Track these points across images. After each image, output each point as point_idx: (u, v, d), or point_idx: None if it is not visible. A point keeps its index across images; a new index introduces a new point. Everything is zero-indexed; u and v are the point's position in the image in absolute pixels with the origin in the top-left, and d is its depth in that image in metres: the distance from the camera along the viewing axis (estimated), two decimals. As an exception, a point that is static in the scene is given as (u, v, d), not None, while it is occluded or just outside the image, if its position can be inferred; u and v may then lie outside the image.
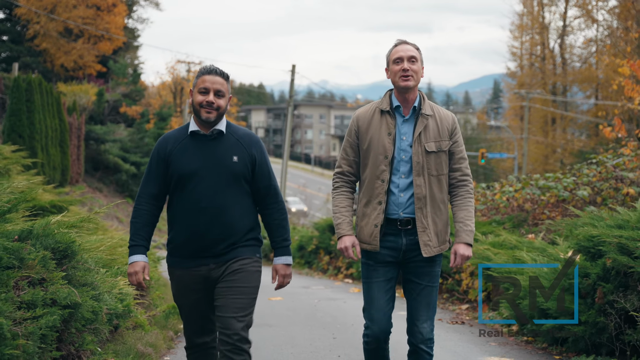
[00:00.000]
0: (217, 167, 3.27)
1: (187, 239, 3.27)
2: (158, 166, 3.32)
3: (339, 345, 5.34)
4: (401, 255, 3.45)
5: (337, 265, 12.27)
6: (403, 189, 3.44)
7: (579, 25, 34.72)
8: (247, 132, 3.41)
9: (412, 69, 3.44)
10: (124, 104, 32.87)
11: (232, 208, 3.26)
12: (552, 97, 35.03)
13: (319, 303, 7.85)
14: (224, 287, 3.25)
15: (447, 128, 3.51)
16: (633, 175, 8.98)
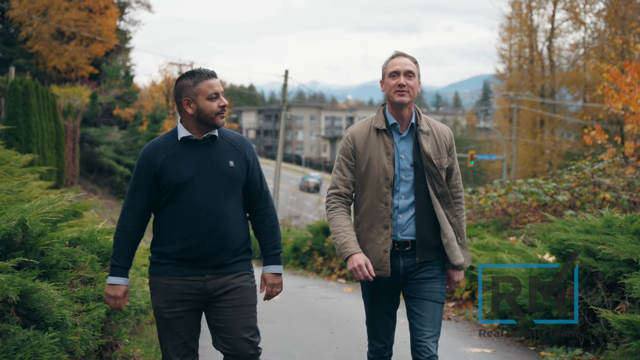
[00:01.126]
0: (213, 173, 3.09)
1: (184, 249, 3.05)
2: (147, 178, 3.08)
3: (337, 338, 5.87)
4: (401, 277, 3.32)
5: (330, 266, 12.79)
6: (403, 210, 3.30)
7: (567, 28, 35.19)
8: (238, 135, 3.26)
9: (408, 85, 3.29)
10: (117, 106, 33.09)
11: (231, 215, 3.10)
12: (540, 99, 35.43)
13: (315, 301, 8.37)
14: (228, 307, 3.07)
15: (445, 144, 3.39)
16: (609, 181, 9.56)
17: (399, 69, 3.31)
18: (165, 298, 3.07)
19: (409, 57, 3.37)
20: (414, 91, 3.31)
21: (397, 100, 3.28)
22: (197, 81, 3.08)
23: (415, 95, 3.33)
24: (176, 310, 3.07)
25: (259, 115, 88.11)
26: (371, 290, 3.38)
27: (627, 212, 8.72)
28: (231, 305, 3.07)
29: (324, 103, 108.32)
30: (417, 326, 3.28)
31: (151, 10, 42.22)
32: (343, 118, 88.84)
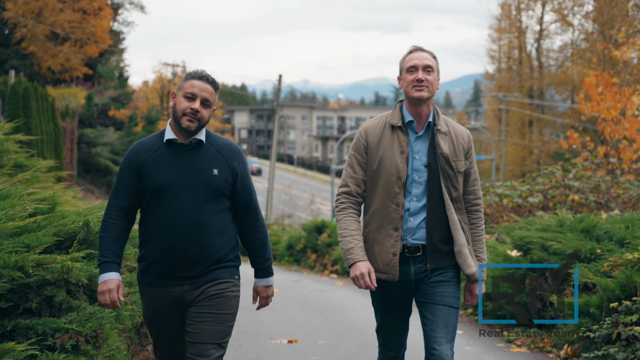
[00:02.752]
0: (195, 179, 2.99)
1: (161, 257, 2.99)
2: (130, 177, 3.03)
3: (330, 323, 6.72)
4: (412, 284, 3.16)
5: (323, 263, 13.63)
6: (414, 213, 3.13)
7: (556, 29, 35.70)
8: (228, 143, 3.13)
9: (427, 80, 3.14)
10: (113, 107, 33.53)
11: (212, 224, 2.99)
12: (529, 100, 35.97)
13: (310, 293, 9.22)
14: (199, 313, 3.00)
15: (463, 146, 3.21)
16: (578, 184, 10.43)
17: (417, 64, 3.16)
18: (149, 310, 3.10)
19: (427, 51, 3.22)
20: (433, 87, 3.16)
21: (416, 95, 3.12)
22: (186, 78, 3.05)
23: (435, 91, 3.18)
24: (160, 322, 3.08)
25: (251, 115, 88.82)
26: (382, 298, 3.22)
27: (593, 212, 9.60)
28: (203, 311, 2.99)
29: (315, 103, 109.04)
30: (429, 333, 3.11)
31: (144, 11, 42.82)
32: (334, 118, 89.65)
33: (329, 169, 62.08)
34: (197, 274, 3.01)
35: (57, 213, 4.02)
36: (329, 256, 13.29)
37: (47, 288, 3.44)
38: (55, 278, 3.42)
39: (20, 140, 7.82)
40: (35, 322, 3.38)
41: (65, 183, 8.47)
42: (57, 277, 3.42)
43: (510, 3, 35.60)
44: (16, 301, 3.40)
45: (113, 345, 3.69)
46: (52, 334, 3.38)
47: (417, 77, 3.13)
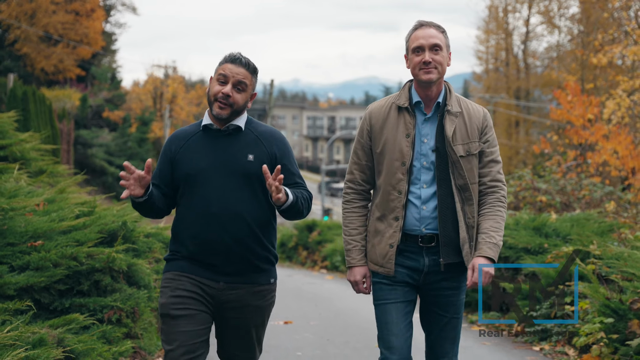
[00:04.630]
0: (227, 165, 2.83)
1: (196, 250, 2.83)
2: (163, 164, 2.93)
3: (320, 309, 7.70)
4: (422, 278, 2.93)
5: (313, 259, 14.60)
6: (426, 200, 2.90)
7: (542, 32, 35.81)
8: (269, 129, 2.96)
9: (435, 60, 2.88)
10: (107, 108, 34.09)
11: (248, 215, 2.82)
12: (515, 101, 36.76)
13: (302, 286, 10.19)
14: (232, 324, 2.90)
15: (477, 127, 2.95)
16: (546, 186, 11.42)
17: (422, 44, 2.90)
18: (176, 293, 2.82)
19: (434, 26, 2.94)
20: (442, 67, 2.91)
21: (424, 78, 2.89)
22: (221, 62, 2.90)
23: (445, 70, 2.93)
24: (185, 307, 2.80)
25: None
26: (385, 286, 2.96)
27: (559, 212, 10.59)
28: (235, 323, 2.90)
29: (305, 102, 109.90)
30: (436, 346, 3.00)
31: (136, 12, 43.39)
32: (325, 118, 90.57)
33: (319, 169, 62.97)
34: (234, 271, 2.85)
35: (97, 214, 4.94)
36: (319, 253, 14.25)
37: (96, 274, 4.36)
38: (102, 266, 4.34)
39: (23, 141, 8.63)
40: (87, 300, 4.31)
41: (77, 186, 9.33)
42: (103, 265, 4.34)
43: (497, 5, 35.95)
44: (71, 284, 4.32)
45: (146, 319, 4.63)
46: (101, 310, 4.31)
47: (423, 58, 2.88)
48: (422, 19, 2.99)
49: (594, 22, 26.87)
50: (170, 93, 38.41)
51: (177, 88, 38.61)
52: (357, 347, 5.62)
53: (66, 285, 4.29)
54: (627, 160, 13.16)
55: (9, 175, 5.55)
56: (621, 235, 5.91)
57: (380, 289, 2.98)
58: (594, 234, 6.19)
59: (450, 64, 2.97)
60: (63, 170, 8.44)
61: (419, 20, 2.99)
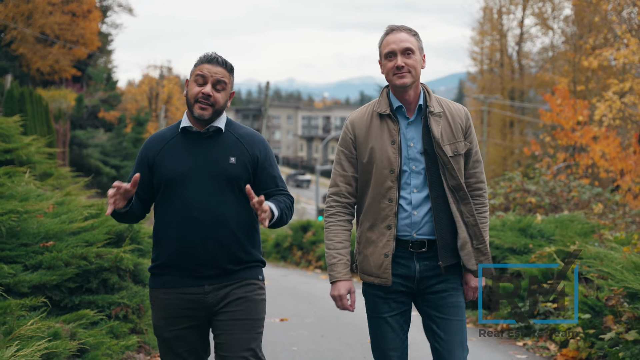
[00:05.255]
0: (209, 169, 2.78)
1: (177, 255, 2.77)
2: (140, 168, 2.84)
3: (314, 307, 8.00)
4: (415, 284, 2.88)
5: (308, 259, 14.88)
6: (416, 205, 2.86)
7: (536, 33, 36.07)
8: (250, 131, 2.92)
9: (407, 64, 2.86)
10: (102, 109, 34.23)
11: (231, 218, 2.78)
12: (509, 102, 36.94)
13: (297, 285, 10.47)
14: (227, 320, 2.77)
15: (461, 125, 2.94)
16: (535, 187, 11.72)
17: (394, 48, 2.88)
18: (163, 315, 2.82)
19: (405, 30, 2.92)
20: (416, 70, 2.88)
21: (398, 83, 2.87)
22: (197, 63, 2.84)
23: (419, 73, 2.91)
24: (175, 328, 2.80)
25: (237, 114, 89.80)
26: (379, 299, 2.91)
27: (547, 213, 10.89)
28: (231, 318, 2.78)
29: (300, 102, 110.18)
30: (444, 354, 2.86)
31: (132, 14, 43.52)
32: (320, 117, 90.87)
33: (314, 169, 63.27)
34: (217, 272, 2.79)
35: (104, 216, 5.20)
36: (314, 253, 14.53)
37: (104, 273, 4.63)
38: (110, 265, 4.61)
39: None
40: (96, 297, 4.58)
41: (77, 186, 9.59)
42: (111, 264, 4.61)
43: (492, 6, 36.09)
44: (81, 283, 4.59)
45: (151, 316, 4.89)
46: (109, 306, 4.58)
47: (396, 63, 2.86)
48: (392, 24, 2.97)
49: (587, 25, 27.15)
50: (165, 93, 38.63)
51: (173, 88, 38.83)
52: (350, 342, 5.92)
53: (76, 283, 4.56)
54: (615, 162, 13.48)
55: (17, 178, 5.81)
56: (602, 236, 6.21)
57: (374, 302, 2.92)
58: (577, 234, 6.49)
59: (425, 67, 2.95)
60: (66, 173, 8.70)
61: (390, 25, 2.97)
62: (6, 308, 3.79)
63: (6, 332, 3.36)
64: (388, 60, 2.90)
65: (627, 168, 13.00)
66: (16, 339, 3.17)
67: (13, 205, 4.62)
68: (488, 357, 5.33)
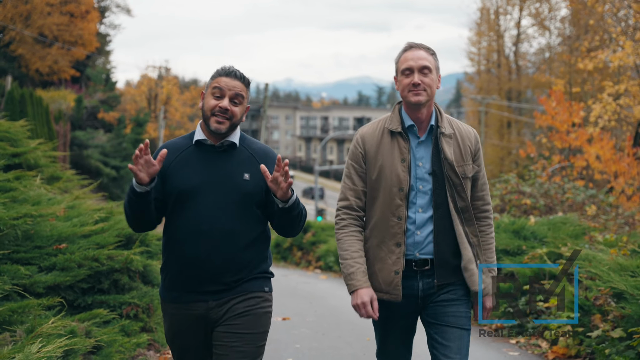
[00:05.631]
0: (223, 184, 2.77)
1: (183, 268, 2.77)
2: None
3: (315, 306, 8.23)
4: (420, 301, 2.93)
5: (308, 259, 15.10)
6: (420, 225, 2.90)
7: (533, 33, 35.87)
8: (263, 147, 2.92)
9: (424, 82, 2.90)
10: (102, 109, 34.37)
11: (241, 235, 2.77)
12: (506, 102, 37.03)
13: (297, 285, 10.70)
14: (226, 333, 2.77)
15: (470, 148, 2.98)
16: (530, 189, 11.96)
17: (412, 65, 2.92)
18: (172, 328, 2.87)
19: (424, 48, 2.96)
20: (431, 89, 2.92)
21: (413, 100, 2.90)
22: (214, 75, 2.84)
23: (434, 92, 2.94)
24: (183, 341, 2.85)
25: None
26: (385, 317, 2.96)
27: (542, 214, 11.12)
28: (230, 331, 2.77)
29: (298, 102, 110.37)
30: (441, 358, 2.90)
31: (131, 14, 43.67)
32: (318, 117, 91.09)
33: (312, 169, 63.46)
34: (222, 288, 2.79)
35: (113, 220, 5.42)
36: (313, 253, 14.76)
37: (115, 274, 4.85)
38: (120, 267, 4.83)
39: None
40: (108, 297, 4.80)
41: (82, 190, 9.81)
42: (122, 266, 4.83)
43: (489, 7, 36.20)
44: (93, 283, 4.81)
45: (160, 315, 5.11)
46: (120, 305, 4.80)
47: (412, 80, 2.90)
48: (411, 41, 3.01)
49: (584, 26, 27.32)
50: (164, 94, 38.80)
51: (172, 89, 39.01)
52: (349, 340, 6.15)
53: (88, 284, 4.77)
54: (609, 164, 13.71)
55: (25, 181, 6.02)
56: (592, 238, 6.43)
57: (380, 319, 2.96)
58: (569, 236, 6.72)
59: (440, 87, 2.99)
60: (72, 176, 8.92)
61: (409, 42, 3.01)
62: (24, 307, 4.01)
63: (28, 330, 3.58)
64: (405, 76, 2.93)
65: (621, 170, 13.23)
66: (38, 336, 3.39)
67: (27, 209, 4.84)
68: (482, 354, 5.55)
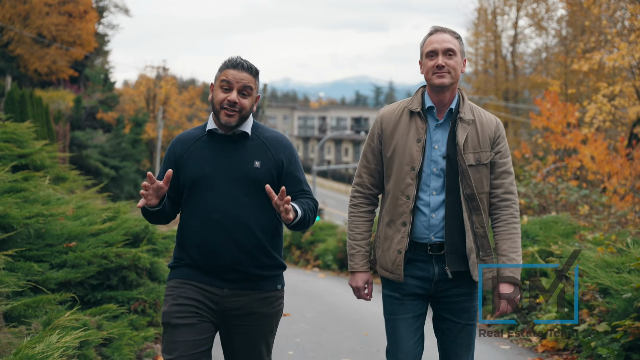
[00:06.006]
0: (233, 172, 2.80)
1: (198, 256, 2.79)
2: (167, 169, 2.84)
3: (314, 303, 8.45)
4: (432, 286, 2.91)
5: (306, 258, 15.33)
6: (435, 208, 2.89)
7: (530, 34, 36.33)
8: (276, 135, 2.92)
9: (448, 65, 2.89)
10: (101, 110, 34.48)
11: (253, 222, 2.78)
12: (504, 103, 37.22)
13: (297, 283, 10.92)
14: (237, 333, 2.81)
15: (489, 136, 2.95)
16: (525, 189, 12.18)
17: (436, 48, 2.92)
18: (178, 301, 2.78)
19: (449, 32, 2.96)
20: (456, 72, 2.91)
21: (437, 82, 2.90)
22: (221, 68, 2.85)
23: (459, 76, 2.93)
24: (186, 315, 2.76)
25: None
26: (395, 300, 2.97)
27: (536, 214, 11.34)
28: (241, 331, 2.81)
29: (296, 102, 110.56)
30: (450, 354, 2.96)
31: (129, 14, 43.79)
32: (315, 118, 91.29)
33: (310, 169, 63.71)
34: (239, 277, 2.80)
35: (120, 219, 5.64)
36: (312, 252, 14.98)
37: (123, 271, 5.06)
38: (128, 264, 5.04)
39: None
40: (116, 293, 5.01)
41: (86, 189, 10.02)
42: (129, 263, 5.04)
43: (486, 7, 36.40)
44: (102, 280, 5.02)
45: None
46: (128, 301, 5.02)
47: (437, 62, 2.90)
48: (437, 25, 3.01)
49: (580, 26, 27.51)
50: (163, 94, 38.93)
51: (170, 90, 39.15)
52: (348, 334, 6.38)
53: (97, 280, 4.99)
54: (602, 164, 13.94)
55: (33, 182, 6.24)
56: (582, 237, 6.66)
57: (390, 303, 2.98)
58: (559, 235, 6.94)
59: (464, 71, 2.98)
60: (76, 177, 9.13)
61: (434, 25, 3.01)
62: (38, 302, 4.23)
63: (45, 323, 3.79)
64: (429, 59, 2.94)
65: (614, 170, 13.46)
66: (55, 328, 3.60)
67: (38, 209, 5.06)
68: (475, 348, 5.78)
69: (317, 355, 5.55)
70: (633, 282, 4.43)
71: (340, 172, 67.25)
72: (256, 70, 2.85)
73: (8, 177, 5.61)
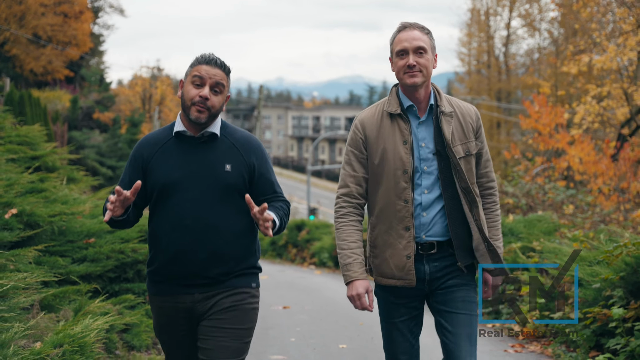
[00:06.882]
0: (204, 176, 2.72)
1: (168, 262, 2.74)
2: (133, 174, 2.78)
3: (311, 297, 8.96)
4: (426, 285, 2.88)
5: (303, 256, 15.81)
6: (426, 206, 2.86)
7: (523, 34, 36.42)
8: (246, 135, 2.85)
9: (419, 63, 2.83)
10: (97, 110, 34.72)
11: (224, 227, 2.72)
12: (496, 103, 37.42)
13: (294, 279, 11.41)
14: (211, 327, 2.73)
15: (472, 125, 2.93)
16: (513, 189, 12.68)
17: (406, 47, 2.85)
18: (159, 321, 2.86)
19: (418, 28, 2.88)
20: (427, 70, 2.85)
21: (409, 82, 2.84)
22: (193, 63, 2.76)
23: (430, 73, 2.88)
24: (171, 335, 2.84)
25: (227, 114, 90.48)
26: (390, 304, 2.93)
27: (525, 213, 11.83)
28: (216, 325, 2.73)
29: (290, 102, 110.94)
30: (452, 347, 2.85)
31: (124, 14, 44.05)
32: (309, 117, 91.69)
33: (305, 169, 64.18)
34: (208, 282, 2.75)
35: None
36: (308, 250, 15.47)
37: (138, 265, 5.51)
38: (143, 258, 5.49)
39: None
40: (132, 285, 5.46)
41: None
42: (144, 258, 5.49)
43: (479, 8, 36.66)
44: (119, 273, 5.47)
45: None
46: (143, 292, 5.47)
47: (407, 62, 2.84)
48: (405, 21, 2.93)
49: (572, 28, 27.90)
50: (158, 95, 39.27)
51: (166, 90, 39.50)
52: (345, 324, 6.86)
53: (115, 273, 5.44)
54: (589, 165, 14.45)
55: (48, 183, 6.67)
56: (562, 234, 7.14)
57: (386, 307, 2.95)
58: (542, 232, 7.43)
59: (437, 66, 2.94)
60: (86, 178, 9.59)
61: (403, 22, 2.93)
62: (65, 292, 4.68)
63: (76, 309, 4.24)
64: (399, 58, 2.87)
65: (600, 171, 13.97)
66: (87, 314, 4.05)
67: (60, 208, 5.51)
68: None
69: (316, 342, 6.02)
70: (602, 274, 4.91)
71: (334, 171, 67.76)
72: (229, 68, 2.80)
73: (29, 179, 6.05)
